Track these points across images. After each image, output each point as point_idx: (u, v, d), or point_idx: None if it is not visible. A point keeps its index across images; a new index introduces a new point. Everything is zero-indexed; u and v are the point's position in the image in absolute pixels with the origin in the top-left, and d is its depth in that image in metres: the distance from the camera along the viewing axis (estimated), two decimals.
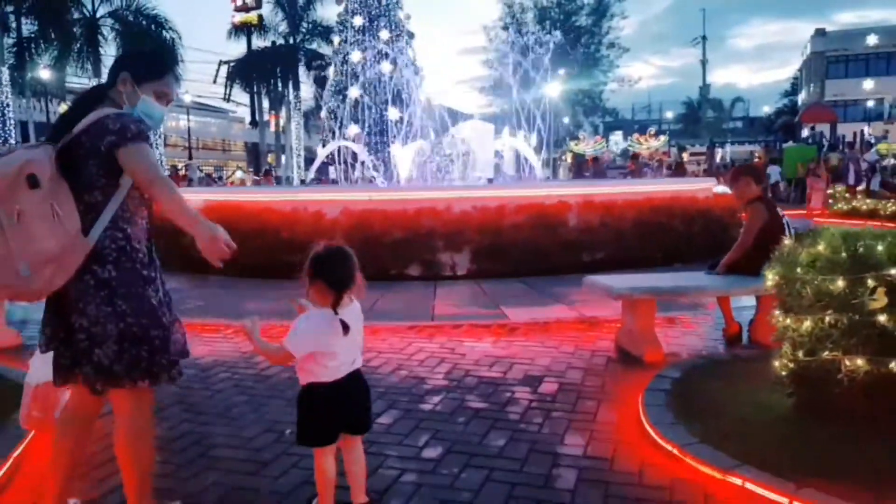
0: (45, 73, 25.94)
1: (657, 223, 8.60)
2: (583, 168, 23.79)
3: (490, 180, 12.98)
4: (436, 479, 2.84)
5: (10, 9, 23.75)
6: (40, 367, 2.68)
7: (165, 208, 2.23)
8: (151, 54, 2.76)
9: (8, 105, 22.31)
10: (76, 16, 25.77)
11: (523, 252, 8.24)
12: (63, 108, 31.17)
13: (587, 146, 34.62)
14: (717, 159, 33.52)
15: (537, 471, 2.90)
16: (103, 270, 2.18)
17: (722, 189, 13.75)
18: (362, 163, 14.85)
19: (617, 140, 38.70)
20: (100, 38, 25.88)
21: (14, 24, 24.28)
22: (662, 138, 37.29)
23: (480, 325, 5.61)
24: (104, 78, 2.48)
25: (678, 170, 24.03)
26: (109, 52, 26.27)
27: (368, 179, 13.64)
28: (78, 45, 25.12)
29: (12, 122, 22.75)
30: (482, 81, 41.67)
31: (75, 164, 2.17)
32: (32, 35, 24.31)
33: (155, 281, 2.29)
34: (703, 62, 52.32)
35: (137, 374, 2.21)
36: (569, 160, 29.99)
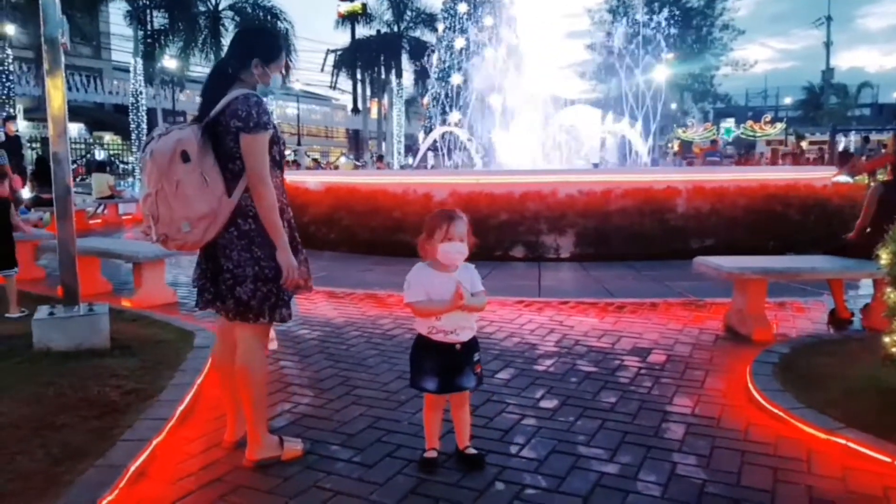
0: (171, 63, 28.03)
1: (770, 211, 8.47)
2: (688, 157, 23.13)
3: (595, 165, 13.04)
4: (553, 424, 3.17)
5: (144, 2, 25.87)
6: None
7: (260, 209, 2.61)
8: (272, 35, 3.05)
9: (141, 93, 24.33)
10: (201, 9, 27.71)
11: (629, 237, 8.37)
12: (182, 96, 33.62)
13: (696, 133, 33.48)
14: (840, 148, 31.55)
15: (648, 423, 3.17)
16: (245, 223, 2.64)
17: (844, 178, 13.15)
18: (464, 148, 15.27)
19: (728, 126, 37.03)
20: (221, 28, 27.68)
21: (146, 18, 26.34)
22: (779, 125, 35.44)
23: (587, 302, 5.87)
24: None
25: (795, 160, 22.91)
26: (225, 41, 28.01)
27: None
28: (202, 37, 27.00)
29: (144, 108, 24.81)
30: (585, 66, 41.00)
31: (218, 139, 2.62)
32: (162, 28, 26.34)
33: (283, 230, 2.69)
34: (828, 44, 49.02)
35: (265, 308, 2.65)
36: (676, 148, 29.16)
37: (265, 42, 2.86)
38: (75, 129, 31.24)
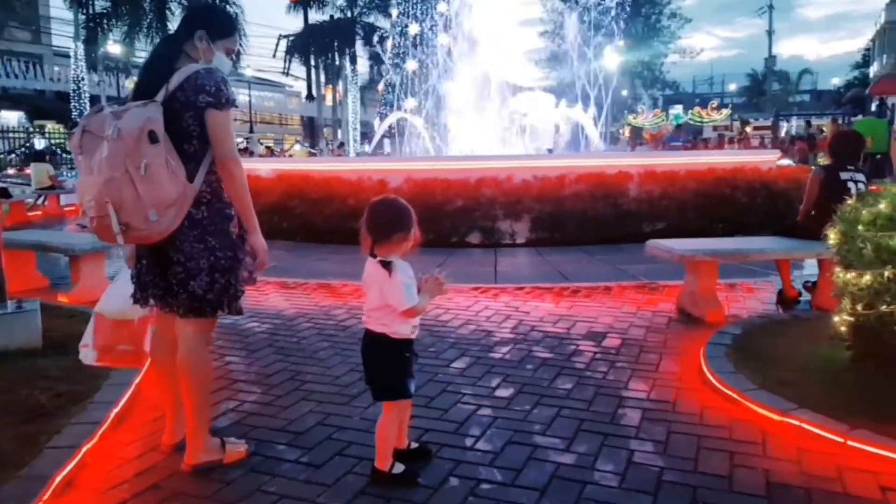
0: (115, 49, 26.99)
1: (720, 194, 8.59)
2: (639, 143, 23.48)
3: (549, 151, 13.06)
4: (509, 413, 3.11)
5: None
6: (115, 298, 2.87)
7: (231, 191, 2.47)
8: (223, 12, 2.90)
9: (83, 79, 23.36)
10: None
11: (583, 222, 8.38)
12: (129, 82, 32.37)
13: (646, 119, 33.98)
14: (783, 133, 32.47)
15: (604, 409, 3.13)
16: (197, 211, 2.47)
17: (787, 162, 13.48)
18: (420, 135, 15.10)
19: (676, 112, 37.75)
20: (167, 13, 26.76)
21: (88, 0, 25.27)
22: (725, 111, 36.25)
23: (543, 287, 5.83)
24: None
25: (743, 145, 23.46)
26: (173, 25, 27.11)
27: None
28: (147, 20, 26.05)
29: (87, 95, 23.84)
30: (538, 54, 41.13)
31: (173, 117, 2.42)
32: (105, 11, 25.30)
33: (234, 217, 2.55)
34: (770, 32, 50.36)
35: (224, 301, 2.51)
36: (627, 134, 29.55)
37: (214, 16, 2.68)
38: (14, 117, 29.88)
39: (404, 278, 2.38)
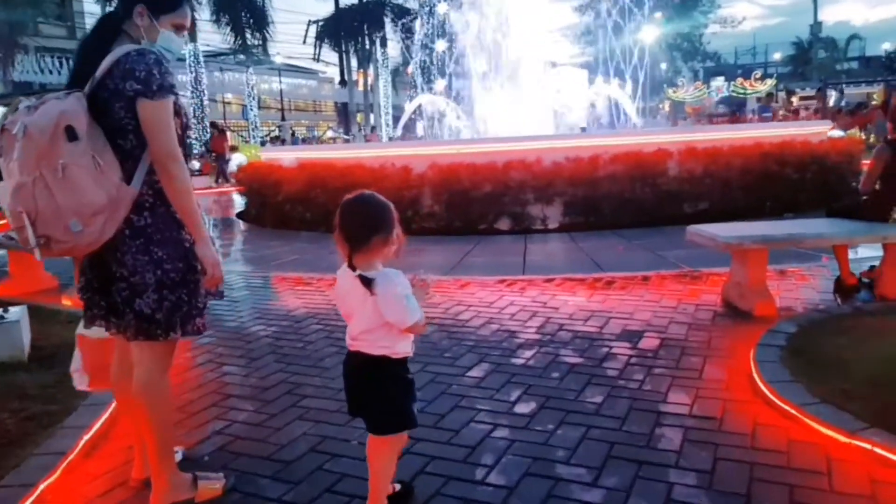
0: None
1: (767, 171, 7.97)
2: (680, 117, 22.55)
3: (583, 129, 12.48)
4: (529, 435, 2.71)
5: None
6: None
7: (171, 194, 2.12)
8: None
9: None
10: None
11: (619, 205, 7.88)
12: None
13: (686, 93, 32.73)
14: (831, 102, 30.90)
15: (639, 430, 2.71)
16: (139, 218, 2.12)
17: (838, 133, 12.63)
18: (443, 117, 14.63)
19: (719, 85, 36.24)
20: (194, 2, 26.64)
21: None
22: (769, 82, 34.67)
23: (574, 278, 5.39)
24: (200, 41, 2.31)
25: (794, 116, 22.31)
26: (203, 15, 26.99)
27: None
28: None
29: None
30: (574, 29, 40.01)
31: (104, 108, 2.08)
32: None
33: (201, 217, 2.21)
34: None
35: (176, 321, 2.17)
36: (666, 108, 28.50)
37: None
38: None
39: (401, 289, 1.98)
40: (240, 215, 11.09)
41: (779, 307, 4.19)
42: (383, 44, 36.15)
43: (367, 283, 1.95)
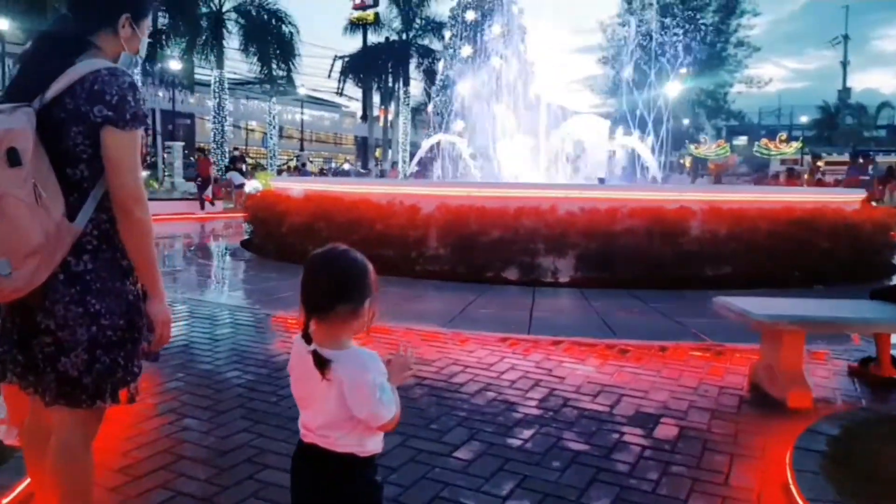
0: (173, 64, 27.29)
1: (796, 238, 7.52)
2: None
3: (601, 180, 12.12)
4: None
5: None
6: None
7: (129, 240, 1.80)
8: None
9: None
10: (204, 10, 26.98)
11: (636, 261, 7.44)
12: (191, 99, 32.62)
13: (708, 150, 32.46)
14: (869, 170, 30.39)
15: None
16: (77, 262, 1.77)
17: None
18: (459, 157, 14.39)
19: (741, 144, 35.95)
20: (223, 31, 26.94)
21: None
22: (795, 144, 34.35)
23: (584, 343, 4.93)
24: (227, 68, 1.98)
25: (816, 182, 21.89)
26: (232, 44, 27.30)
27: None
28: (203, 38, 26.26)
29: None
30: (596, 80, 40.17)
31: (55, 130, 1.74)
32: (163, 28, 25.61)
33: (131, 272, 1.87)
34: (844, 63, 47.95)
35: (107, 387, 1.81)
36: (687, 164, 28.23)
37: None
38: None
39: (373, 377, 1.55)
40: (244, 244, 10.77)
41: (814, 397, 3.71)
42: (406, 82, 36.43)
43: (322, 364, 1.53)
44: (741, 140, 39.39)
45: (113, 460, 2.74)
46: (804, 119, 53.55)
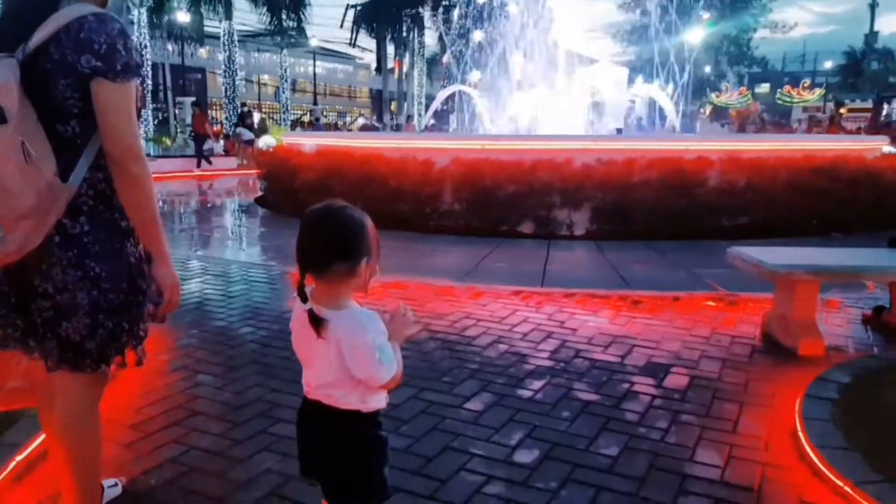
0: (181, 16, 26.92)
1: (816, 186, 7.38)
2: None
3: (619, 131, 11.91)
4: (527, 494, 2.29)
5: None
6: None
7: (128, 200, 1.74)
8: None
9: (146, 46, 23.30)
10: None
11: (652, 213, 7.37)
12: (202, 52, 32.23)
13: (730, 98, 31.66)
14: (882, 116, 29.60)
15: (658, 497, 2.27)
16: (74, 224, 1.72)
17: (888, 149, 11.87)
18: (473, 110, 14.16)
19: (764, 92, 34.96)
20: None
21: None
22: (818, 91, 33.38)
23: (597, 294, 4.93)
24: (237, 20, 1.87)
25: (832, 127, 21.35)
26: None
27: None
28: None
29: (149, 62, 23.85)
30: (616, 27, 39.04)
31: (42, 83, 1.66)
32: None
33: (132, 233, 1.81)
34: (873, 5, 46.04)
35: (112, 352, 1.80)
36: (707, 113, 27.60)
37: None
38: None
39: (372, 337, 1.55)
40: (258, 200, 10.81)
41: (826, 346, 3.69)
42: (420, 32, 35.72)
43: (317, 322, 1.54)
44: (764, 87, 38.30)
45: (126, 417, 2.81)
46: (829, 65, 51.83)
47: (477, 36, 19.01)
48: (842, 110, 30.85)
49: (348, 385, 1.57)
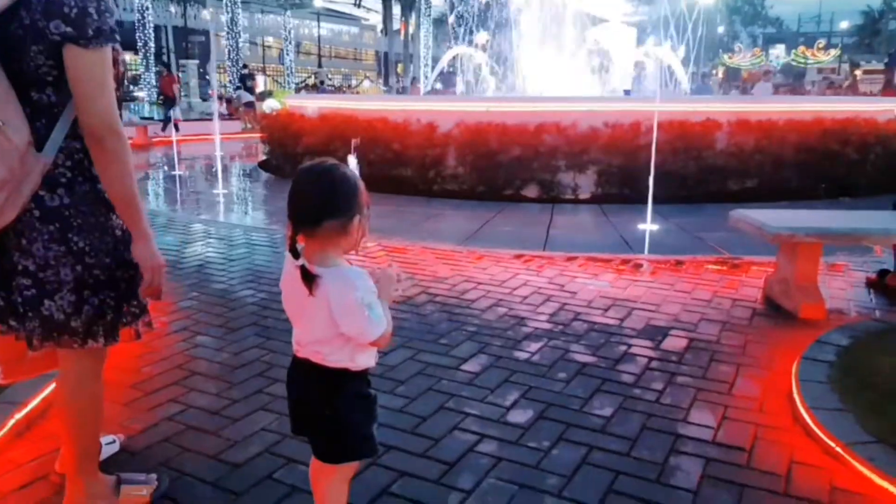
0: None
1: (825, 149, 7.27)
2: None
3: (627, 93, 11.72)
4: (519, 453, 2.31)
5: None
6: None
7: (105, 173, 1.67)
8: None
9: (147, 8, 23.00)
10: None
11: (658, 177, 7.27)
12: (205, 13, 31.80)
13: (743, 59, 31.02)
14: None
15: (650, 457, 2.29)
16: (52, 197, 1.67)
17: None
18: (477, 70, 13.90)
19: (778, 54, 34.20)
20: None
21: None
22: (833, 52, 32.64)
23: (599, 258, 4.91)
24: None
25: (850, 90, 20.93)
26: None
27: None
28: None
29: (151, 25, 23.56)
30: None
31: (13, 49, 1.60)
32: None
33: (114, 208, 1.76)
34: None
35: (99, 329, 1.76)
36: (720, 75, 27.10)
37: None
38: None
39: (361, 294, 1.54)
40: (262, 164, 10.77)
41: (827, 309, 3.68)
42: None
43: (309, 279, 1.53)
44: (778, 48, 37.48)
45: (126, 377, 2.84)
46: (845, 25, 50.59)
47: None
48: (857, 72, 30.21)
49: (337, 341, 1.58)
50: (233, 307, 3.83)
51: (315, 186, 1.56)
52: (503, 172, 7.59)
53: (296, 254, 1.58)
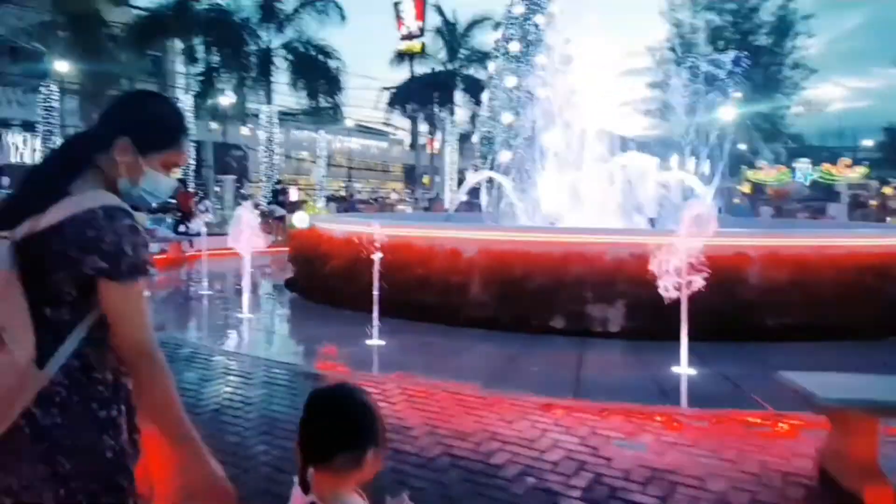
0: (223, 100, 28.10)
1: (863, 286, 7.02)
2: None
3: (652, 220, 11.70)
4: None
5: (198, 41, 26.13)
6: None
7: (150, 397, 1.60)
8: (161, 118, 1.75)
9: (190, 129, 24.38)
10: (253, 48, 27.79)
11: (690, 311, 7.05)
12: (244, 130, 33.45)
13: (768, 175, 31.29)
14: None
15: None
16: (45, 415, 1.54)
17: None
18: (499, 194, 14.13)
19: (803, 168, 34.33)
20: (272, 67, 27.68)
21: (200, 56, 26.63)
22: (860, 169, 32.79)
23: (633, 410, 4.61)
24: (276, 101, 1.77)
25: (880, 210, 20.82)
26: (281, 79, 28.04)
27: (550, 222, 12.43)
28: (254, 74, 27.05)
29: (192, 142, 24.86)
30: (646, 104, 39.54)
31: (37, 270, 1.53)
32: (215, 66, 26.51)
33: (117, 420, 1.62)
34: None
35: None
36: (746, 191, 27.27)
37: (151, 116, 1.73)
38: None
39: None
40: (288, 282, 10.76)
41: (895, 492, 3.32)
42: (452, 111, 36.72)
43: None
44: (802, 162, 37.83)
45: None
46: (870, 143, 51.23)
47: (506, 119, 19.31)
48: (885, 189, 30.18)
49: None
50: (245, 468, 3.60)
51: (329, 417, 1.48)
52: (528, 302, 7.42)
53: (306, 487, 1.47)
